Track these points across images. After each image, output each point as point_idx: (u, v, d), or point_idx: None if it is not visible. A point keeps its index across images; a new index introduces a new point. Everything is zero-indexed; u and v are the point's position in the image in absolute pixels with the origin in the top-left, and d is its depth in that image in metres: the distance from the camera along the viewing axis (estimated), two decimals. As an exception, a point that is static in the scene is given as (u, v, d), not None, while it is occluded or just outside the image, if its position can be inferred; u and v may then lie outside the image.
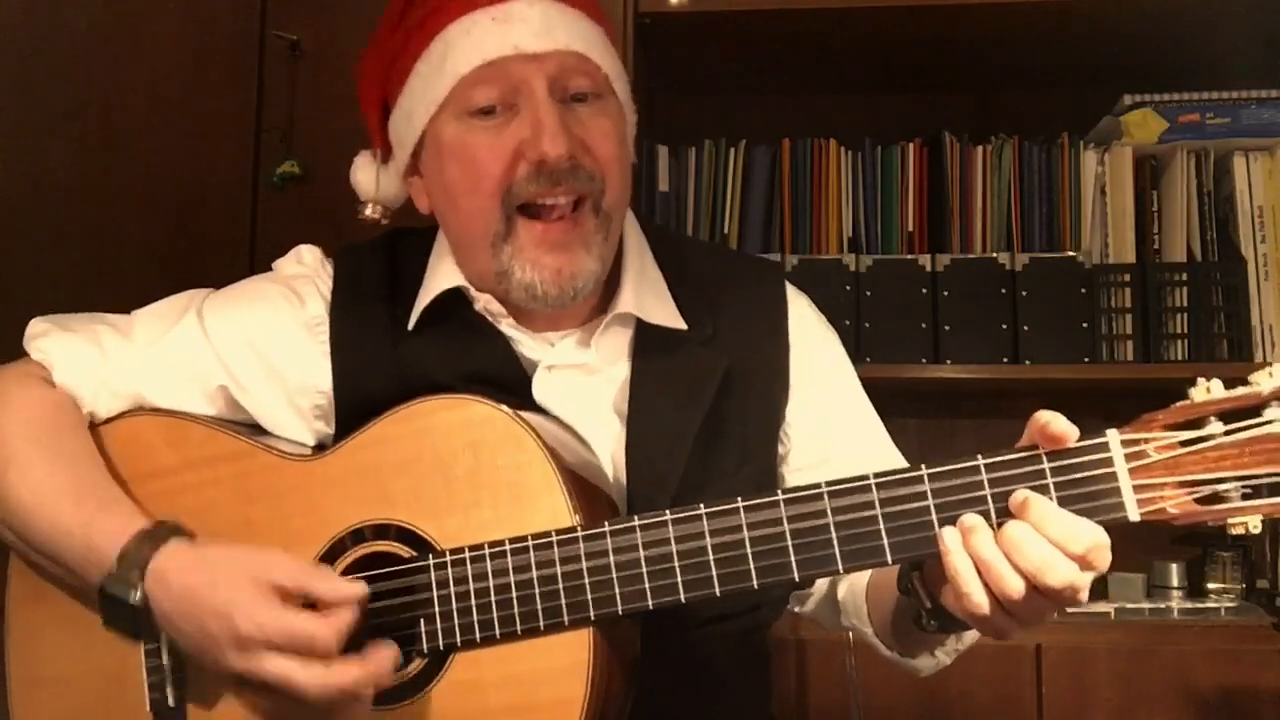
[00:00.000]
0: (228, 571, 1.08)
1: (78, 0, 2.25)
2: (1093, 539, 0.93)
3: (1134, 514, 0.95)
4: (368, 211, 1.32)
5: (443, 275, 1.26)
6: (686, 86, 2.48)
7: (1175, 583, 2.23)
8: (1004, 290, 2.13)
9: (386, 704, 1.11)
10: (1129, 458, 0.95)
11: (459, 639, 1.10)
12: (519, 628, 1.08)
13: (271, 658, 1.04)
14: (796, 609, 1.39)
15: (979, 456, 0.98)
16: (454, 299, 1.26)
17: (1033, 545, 0.93)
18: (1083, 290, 2.13)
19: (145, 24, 2.24)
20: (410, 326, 1.26)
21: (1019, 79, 2.38)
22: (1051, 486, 0.96)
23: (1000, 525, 0.95)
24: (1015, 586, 0.93)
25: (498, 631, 1.09)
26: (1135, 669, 1.97)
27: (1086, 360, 2.11)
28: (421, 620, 1.11)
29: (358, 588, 1.08)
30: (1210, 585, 2.21)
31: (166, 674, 1.17)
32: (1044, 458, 0.96)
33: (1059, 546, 0.92)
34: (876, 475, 1.01)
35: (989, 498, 0.97)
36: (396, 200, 1.32)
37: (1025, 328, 2.12)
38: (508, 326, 1.26)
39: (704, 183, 2.26)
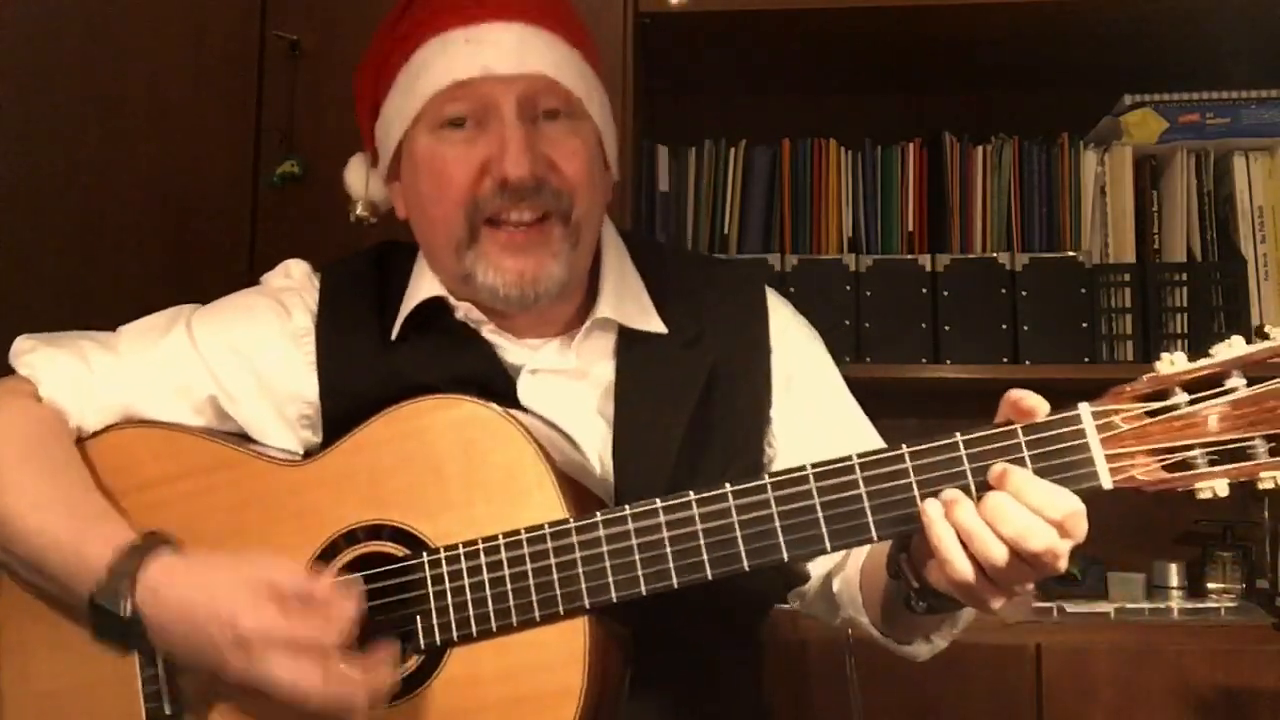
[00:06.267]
0: (224, 578, 1.08)
1: (78, 0, 2.25)
2: (1069, 506, 0.96)
3: (1106, 482, 0.97)
4: (359, 211, 1.35)
5: (424, 285, 1.29)
6: (686, 86, 2.47)
7: (1175, 583, 2.24)
8: (1004, 290, 2.13)
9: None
10: (1100, 429, 0.98)
11: (455, 634, 1.11)
12: (515, 620, 1.09)
13: (277, 659, 1.04)
14: (795, 605, 1.39)
15: (957, 434, 1.01)
16: (438, 308, 1.28)
17: (1013, 513, 0.96)
18: (1083, 290, 2.13)
19: (145, 24, 2.24)
20: (394, 335, 1.28)
21: (1019, 79, 2.38)
22: (1028, 459, 0.99)
23: (981, 498, 0.98)
24: (999, 553, 0.96)
25: (494, 625, 1.10)
26: (1135, 669, 1.97)
27: (1086, 360, 2.11)
28: (418, 617, 1.12)
29: (354, 588, 1.09)
30: (1210, 585, 2.22)
31: (162, 684, 1.17)
32: (1019, 432, 0.99)
33: (1038, 513, 0.96)
34: (860, 456, 1.03)
35: (969, 473, 1.00)
36: (385, 202, 1.35)
37: (1025, 328, 2.12)
38: (489, 333, 1.29)
39: (704, 183, 2.26)
